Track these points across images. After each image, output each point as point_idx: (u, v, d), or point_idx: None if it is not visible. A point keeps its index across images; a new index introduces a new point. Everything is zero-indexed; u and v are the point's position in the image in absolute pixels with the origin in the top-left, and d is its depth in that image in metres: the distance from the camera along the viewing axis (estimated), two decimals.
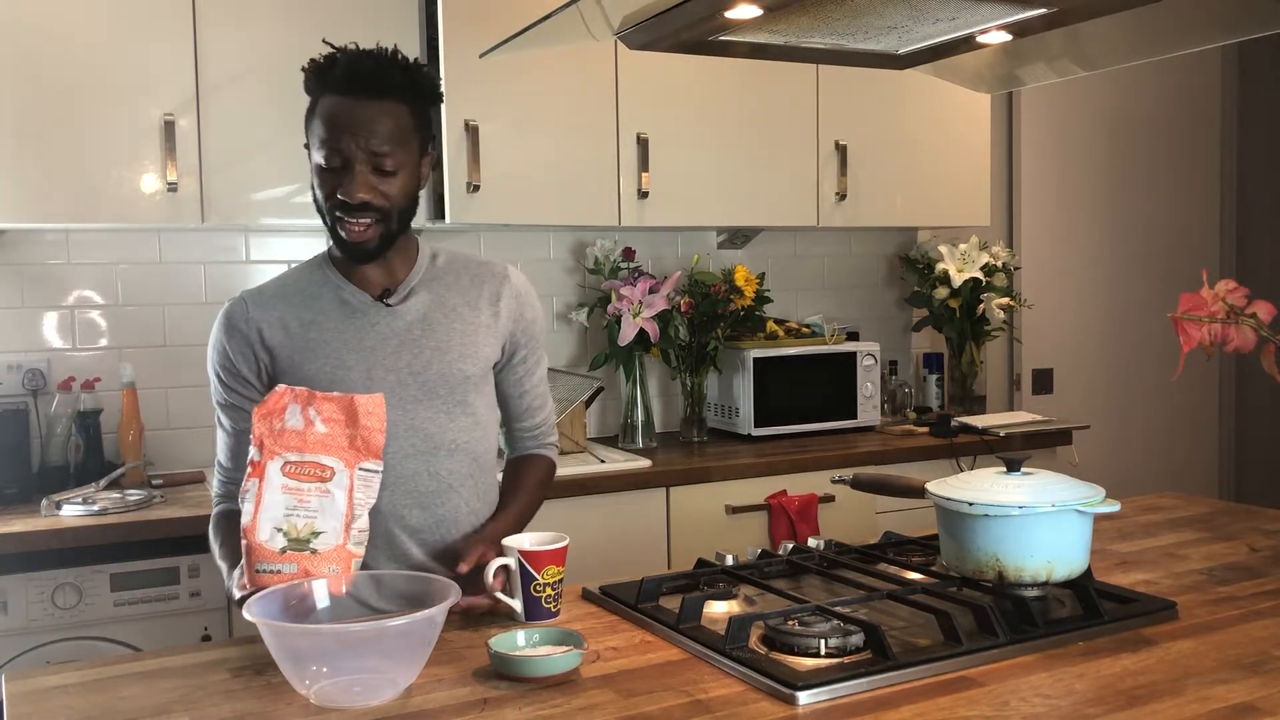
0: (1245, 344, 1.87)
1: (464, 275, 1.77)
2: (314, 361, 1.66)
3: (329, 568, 1.43)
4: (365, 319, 1.69)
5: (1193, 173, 4.41)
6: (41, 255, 2.77)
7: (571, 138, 2.92)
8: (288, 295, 1.71)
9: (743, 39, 1.80)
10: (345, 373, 1.66)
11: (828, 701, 1.26)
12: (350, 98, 1.60)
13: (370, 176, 1.60)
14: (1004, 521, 1.50)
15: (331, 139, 1.59)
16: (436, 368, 1.69)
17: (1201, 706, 1.23)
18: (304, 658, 1.26)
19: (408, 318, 1.70)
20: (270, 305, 1.69)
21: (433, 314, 1.71)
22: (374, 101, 1.60)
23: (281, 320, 1.68)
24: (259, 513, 1.43)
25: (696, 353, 3.21)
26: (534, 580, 1.54)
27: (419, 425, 1.69)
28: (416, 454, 1.69)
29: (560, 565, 1.56)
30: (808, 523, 2.92)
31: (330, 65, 1.63)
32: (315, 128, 1.62)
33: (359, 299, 1.69)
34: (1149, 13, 1.61)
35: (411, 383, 1.68)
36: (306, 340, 1.67)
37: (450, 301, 1.73)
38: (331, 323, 1.68)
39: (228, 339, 1.69)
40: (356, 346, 1.67)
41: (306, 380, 1.65)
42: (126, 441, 2.71)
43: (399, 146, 1.62)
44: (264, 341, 1.67)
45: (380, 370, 1.67)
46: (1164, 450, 4.36)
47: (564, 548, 1.57)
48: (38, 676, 1.39)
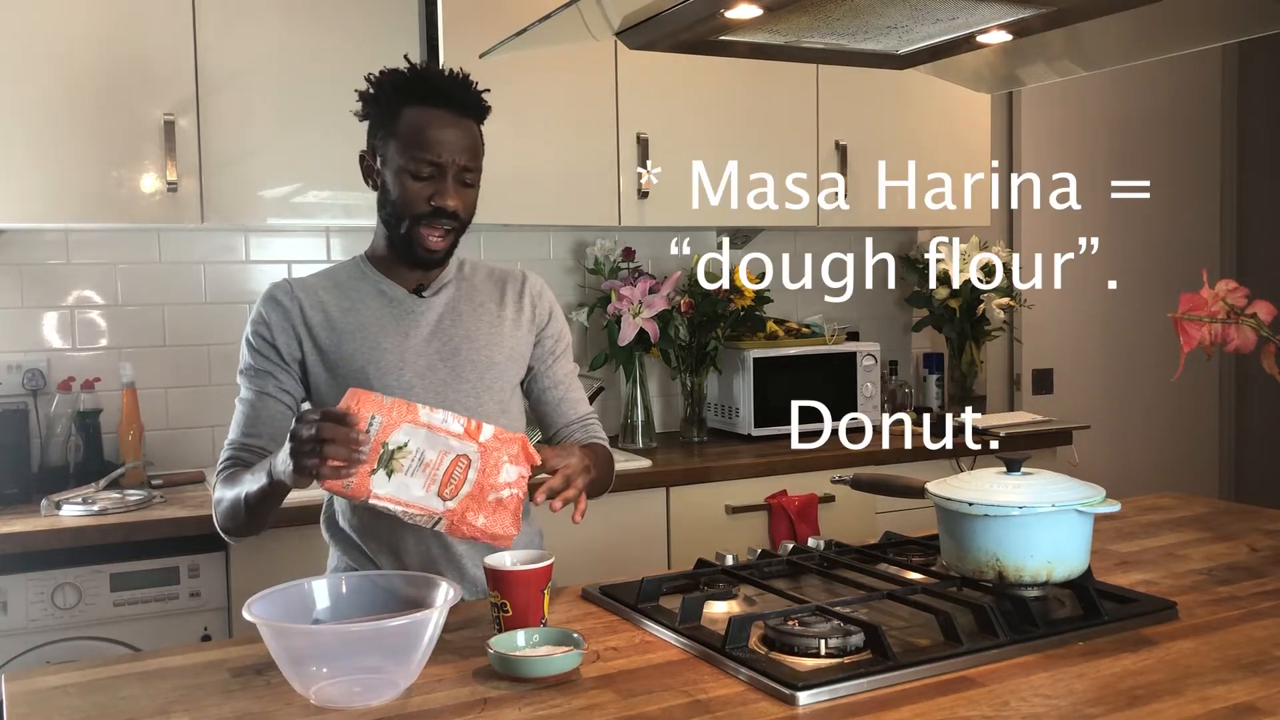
0: (1245, 344, 1.87)
1: (488, 279, 1.87)
2: (351, 343, 1.74)
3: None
4: (401, 308, 1.77)
5: (1193, 173, 4.41)
6: (41, 255, 2.76)
7: (571, 138, 2.92)
8: (327, 285, 1.79)
9: (743, 39, 1.80)
10: (380, 354, 1.73)
11: (828, 701, 1.26)
12: (444, 111, 1.70)
13: (457, 187, 1.71)
14: (1004, 521, 1.50)
15: (427, 149, 1.68)
16: (465, 353, 1.77)
17: (1201, 706, 1.23)
18: (304, 658, 1.26)
19: (439, 308, 1.79)
20: (312, 290, 1.78)
21: (461, 306, 1.81)
22: (462, 118, 1.72)
23: (322, 303, 1.76)
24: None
25: (696, 353, 3.21)
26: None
27: (449, 405, 1.71)
28: None
29: (506, 595, 1.47)
30: (808, 523, 2.92)
31: (417, 79, 1.72)
32: (403, 137, 1.69)
33: (395, 291, 1.78)
34: (1149, 13, 1.61)
35: (441, 366, 1.76)
36: (345, 323, 1.75)
37: (477, 298, 1.83)
38: (369, 309, 1.76)
39: (269, 311, 1.75)
40: (392, 331, 1.75)
41: (343, 359, 1.73)
42: (126, 441, 2.71)
43: (478, 161, 1.75)
44: (305, 318, 1.74)
45: (412, 354, 1.75)
46: (1164, 450, 4.36)
47: (518, 574, 1.47)
48: (38, 676, 1.39)
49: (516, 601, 1.45)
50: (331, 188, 2.70)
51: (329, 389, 1.73)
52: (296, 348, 1.74)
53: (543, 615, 1.47)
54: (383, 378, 1.72)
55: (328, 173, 2.69)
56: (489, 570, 1.48)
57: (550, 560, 1.49)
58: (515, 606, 1.46)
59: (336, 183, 2.70)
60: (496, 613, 1.47)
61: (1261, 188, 4.49)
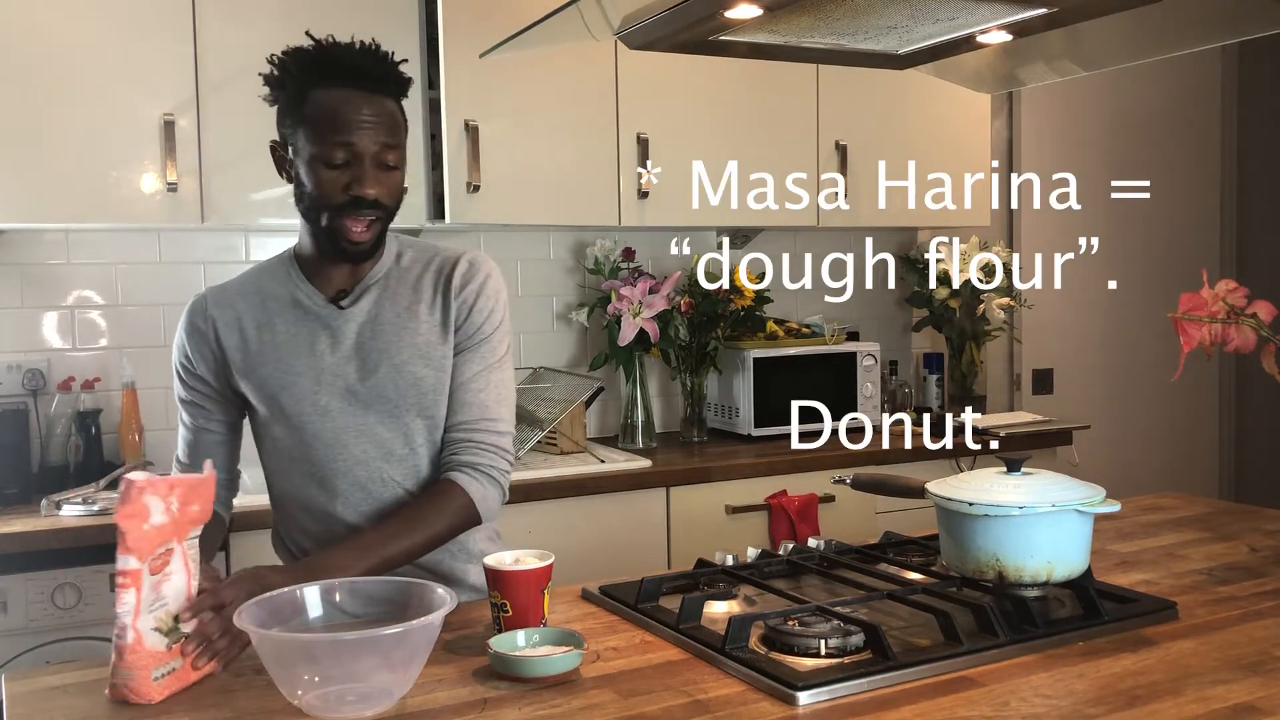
0: (1245, 344, 1.87)
1: (425, 272, 1.69)
2: (264, 366, 1.64)
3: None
4: (317, 322, 1.65)
5: (1193, 173, 4.41)
6: (41, 255, 2.76)
7: (571, 138, 2.92)
8: (248, 294, 1.68)
9: (743, 39, 1.80)
10: (295, 379, 1.63)
11: (828, 701, 1.26)
12: (355, 90, 1.55)
13: (377, 172, 1.57)
14: (1004, 521, 1.50)
15: (339, 133, 1.54)
16: (385, 371, 1.63)
17: (1201, 706, 1.23)
18: (297, 666, 1.24)
19: (358, 320, 1.65)
20: (229, 304, 1.67)
21: (383, 315, 1.65)
22: (376, 96, 1.57)
23: (238, 321, 1.66)
24: (138, 620, 1.29)
25: (696, 353, 3.21)
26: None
27: (369, 430, 1.65)
28: (368, 460, 1.65)
29: (506, 595, 1.45)
30: (808, 523, 2.91)
31: (324, 57, 1.58)
32: (312, 123, 1.56)
33: (313, 301, 1.65)
34: (1149, 13, 1.61)
35: (360, 388, 1.63)
36: (260, 344, 1.65)
37: (403, 300, 1.66)
38: (284, 326, 1.65)
39: (187, 337, 1.68)
40: (306, 352, 1.64)
41: (259, 385, 1.64)
42: (126, 441, 2.71)
43: (398, 140, 1.60)
44: (219, 341, 1.66)
45: (328, 376, 1.63)
46: (1164, 450, 4.36)
47: (519, 574, 1.45)
48: (38, 676, 1.39)
49: (516, 601, 1.45)
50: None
51: (262, 410, 1.66)
52: (216, 373, 1.66)
53: (543, 615, 1.47)
54: (298, 405, 1.62)
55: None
56: (489, 570, 1.47)
57: (550, 560, 1.49)
58: (515, 606, 1.45)
59: None
60: (496, 613, 1.47)
61: (1261, 188, 4.49)
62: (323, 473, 1.65)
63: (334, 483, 1.65)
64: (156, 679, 1.30)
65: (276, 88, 1.61)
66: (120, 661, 1.28)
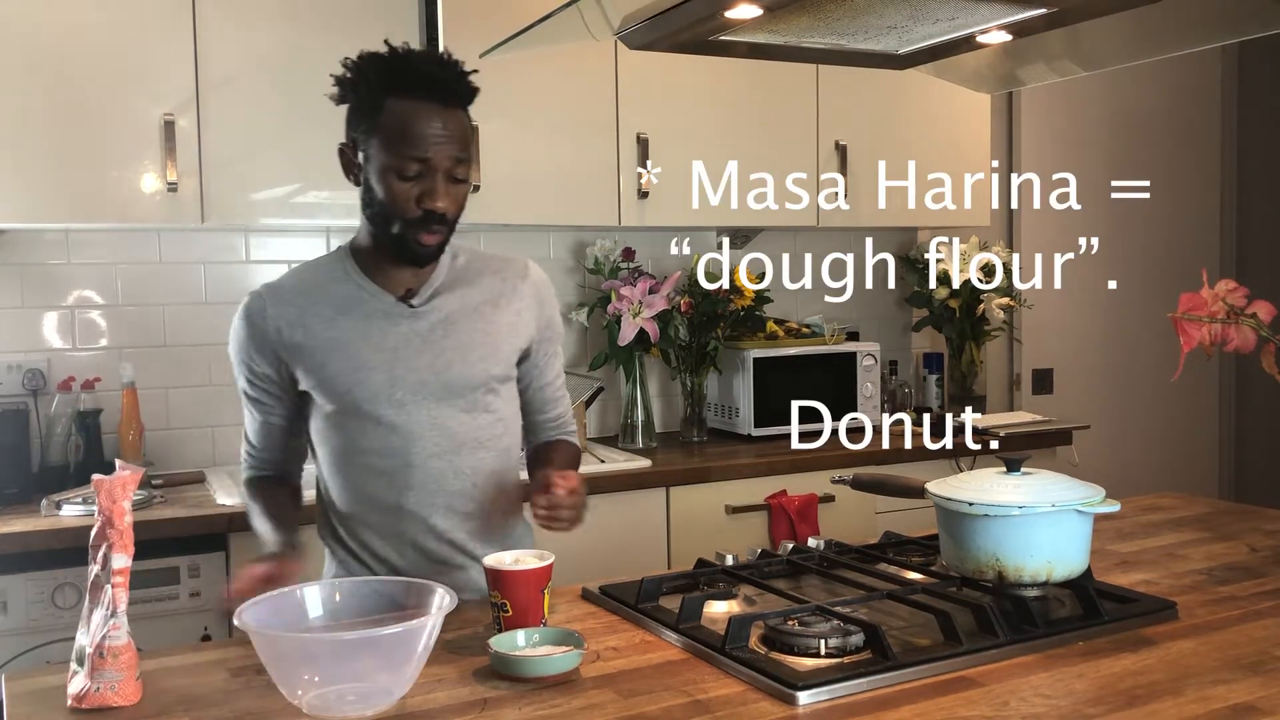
0: (1245, 344, 1.87)
1: (485, 273, 1.75)
2: (334, 363, 1.65)
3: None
4: (388, 321, 1.67)
5: (1193, 173, 4.41)
6: (41, 255, 2.76)
7: (571, 138, 2.92)
8: (308, 291, 1.68)
9: (743, 39, 1.80)
10: (368, 374, 1.65)
11: (828, 701, 1.26)
12: (430, 103, 1.57)
13: (449, 186, 1.60)
14: (1004, 521, 1.50)
15: (415, 147, 1.56)
16: (459, 368, 1.68)
17: (1201, 706, 1.23)
18: (296, 666, 1.24)
19: (431, 319, 1.68)
20: (290, 302, 1.67)
21: (455, 315, 1.69)
22: (449, 109, 1.60)
23: (301, 318, 1.66)
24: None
25: (696, 353, 3.21)
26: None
27: (441, 424, 1.69)
28: (441, 453, 1.69)
29: (507, 595, 1.46)
30: (808, 523, 2.91)
31: (399, 66, 1.59)
32: (384, 132, 1.58)
33: (383, 300, 1.67)
34: (1149, 13, 1.61)
35: (434, 383, 1.67)
36: (327, 340, 1.65)
37: (473, 301, 1.71)
38: (353, 322, 1.66)
39: (248, 337, 1.68)
40: (379, 347, 1.65)
41: (328, 381, 1.65)
42: (126, 441, 2.71)
43: (468, 151, 1.63)
44: (284, 340, 1.66)
45: (402, 370, 1.66)
46: (1164, 450, 4.36)
47: (524, 574, 1.47)
48: (38, 676, 1.39)
49: (517, 601, 1.45)
50: (331, 188, 2.70)
51: (330, 407, 1.68)
52: (278, 370, 1.67)
53: (543, 615, 1.47)
54: (372, 400, 1.65)
55: (328, 173, 2.65)
56: (489, 570, 1.48)
57: (550, 560, 1.49)
58: (515, 606, 1.45)
59: (336, 183, 2.64)
60: (497, 613, 1.47)
61: (1261, 188, 4.49)
62: (394, 465, 1.68)
63: (406, 475, 1.68)
64: (138, 678, 1.30)
65: (349, 91, 1.63)
66: (113, 663, 1.28)
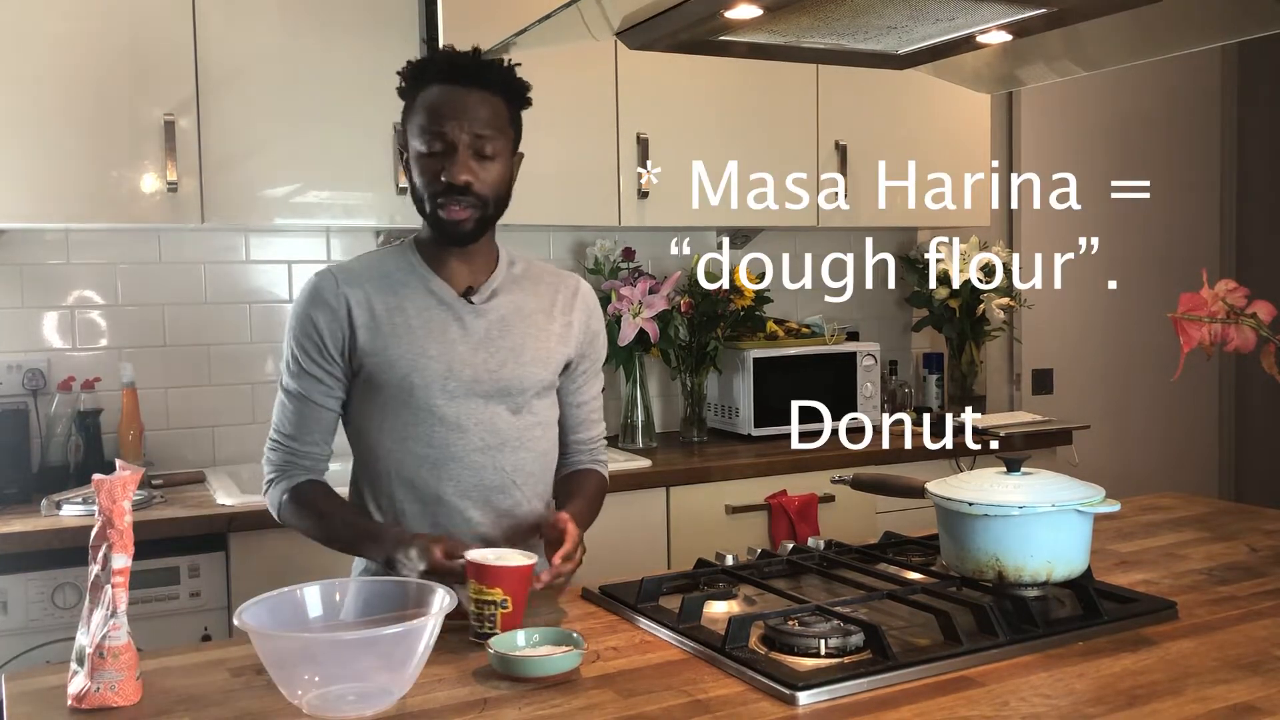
0: (1245, 344, 1.87)
1: (540, 283, 1.82)
2: (397, 347, 1.69)
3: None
4: (450, 313, 1.72)
5: (1193, 172, 4.41)
6: (41, 255, 2.76)
7: (571, 138, 2.92)
8: (374, 277, 1.73)
9: (743, 39, 1.80)
10: (427, 361, 1.69)
11: (828, 701, 1.26)
12: (452, 85, 1.66)
13: (471, 161, 1.66)
14: (1004, 521, 1.50)
15: (434, 124, 1.65)
16: (511, 368, 1.73)
17: (1201, 706, 1.23)
18: (296, 665, 1.24)
19: (489, 317, 1.74)
20: (358, 283, 1.72)
21: (511, 317, 1.75)
22: (474, 90, 1.67)
23: (368, 300, 1.70)
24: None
25: (696, 353, 3.21)
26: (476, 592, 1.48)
27: (489, 421, 1.72)
28: (485, 449, 1.72)
29: (509, 590, 1.46)
30: (808, 523, 2.91)
31: (429, 61, 1.71)
32: (416, 119, 1.67)
33: (445, 293, 1.73)
34: (1149, 13, 1.62)
35: (486, 379, 1.71)
36: (392, 325, 1.70)
37: (528, 307, 1.78)
38: (417, 310, 1.71)
39: (315, 310, 1.70)
40: (440, 338, 1.70)
41: (387, 364, 1.69)
42: (126, 441, 2.71)
43: (498, 133, 1.69)
44: (351, 318, 1.70)
45: (459, 364, 1.70)
46: (1164, 450, 4.36)
47: (524, 570, 1.48)
48: (38, 676, 1.39)
49: (518, 598, 1.46)
50: (331, 188, 2.70)
51: (367, 389, 1.71)
52: (345, 350, 1.70)
53: None
54: (427, 389, 1.69)
55: (328, 173, 2.69)
56: (483, 567, 1.46)
57: (535, 557, 1.52)
58: (516, 602, 1.46)
59: (336, 183, 2.70)
60: (493, 610, 1.45)
61: (1261, 188, 4.49)
62: (439, 455, 1.71)
63: (448, 466, 1.71)
64: (138, 678, 1.30)
65: (401, 97, 1.72)
66: (113, 663, 1.28)
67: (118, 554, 1.28)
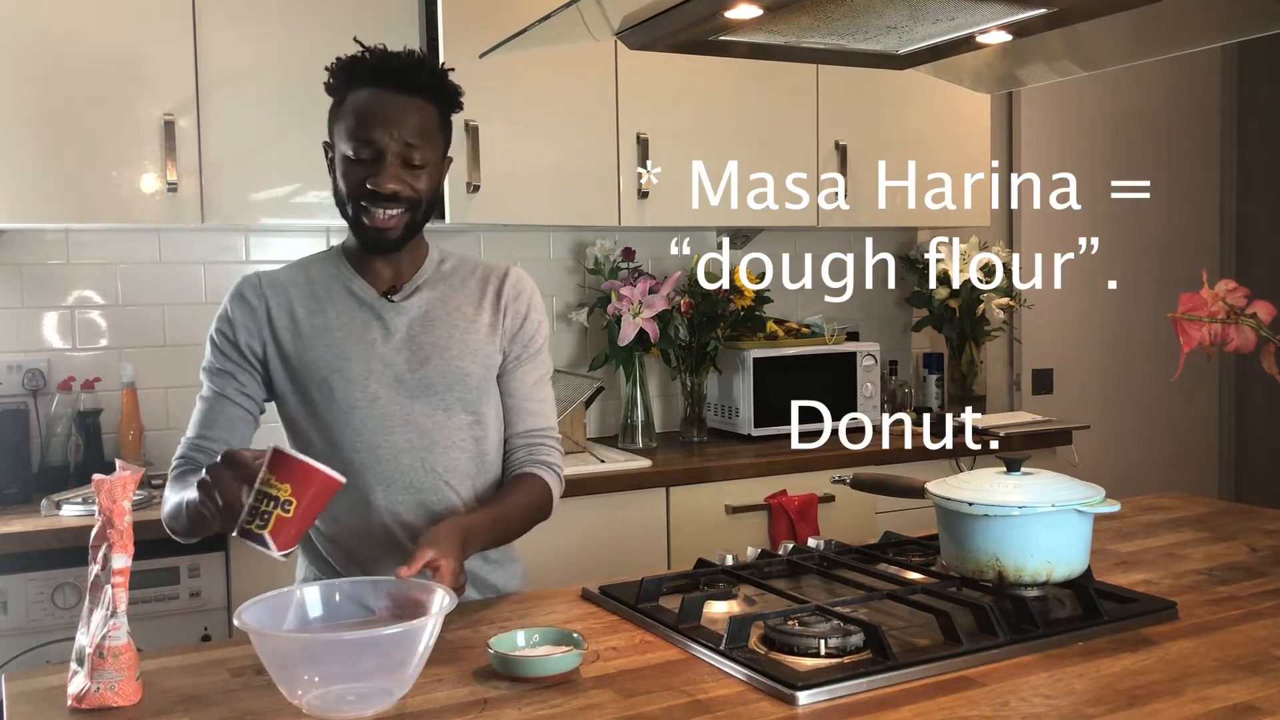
0: (1245, 344, 1.87)
1: (470, 278, 1.78)
2: (315, 349, 1.68)
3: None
4: (369, 313, 1.70)
5: (1193, 172, 4.41)
6: (41, 255, 2.77)
7: (571, 138, 2.92)
8: (297, 282, 1.73)
9: (743, 39, 1.80)
10: (345, 363, 1.67)
11: (828, 701, 1.26)
12: (382, 90, 1.63)
13: (399, 169, 1.63)
14: (1004, 521, 1.50)
15: (363, 130, 1.61)
16: (435, 364, 1.70)
17: (1201, 706, 1.23)
18: (296, 665, 1.24)
19: (410, 314, 1.71)
20: (281, 288, 1.72)
21: (435, 311, 1.72)
22: (405, 96, 1.63)
23: (289, 304, 1.70)
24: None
25: (696, 353, 3.21)
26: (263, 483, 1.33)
27: (415, 420, 1.69)
28: (413, 449, 1.69)
29: (297, 492, 1.32)
30: (808, 523, 2.92)
31: (360, 61, 1.65)
32: (343, 121, 1.64)
33: (365, 293, 1.71)
34: (1149, 13, 1.61)
35: (409, 378, 1.69)
36: (312, 327, 1.69)
37: (454, 301, 1.75)
38: (335, 313, 1.70)
39: (236, 309, 1.71)
40: (359, 339, 1.69)
41: (306, 367, 1.67)
42: (126, 441, 2.71)
43: (427, 142, 1.65)
44: (270, 319, 1.69)
45: (378, 364, 1.68)
46: (1164, 450, 4.36)
47: (324, 478, 1.34)
48: (38, 676, 1.39)
49: (305, 506, 1.32)
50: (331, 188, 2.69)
51: (291, 395, 1.70)
52: (260, 349, 1.70)
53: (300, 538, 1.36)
54: (347, 388, 1.66)
55: (327, 173, 2.68)
56: (286, 460, 1.33)
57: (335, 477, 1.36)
58: (301, 511, 1.32)
59: None
60: (272, 507, 1.31)
61: (1261, 188, 4.49)
62: (366, 458, 1.68)
63: (375, 468, 1.68)
64: (138, 678, 1.30)
65: (329, 94, 1.69)
66: (113, 663, 1.27)
67: (118, 554, 1.28)
